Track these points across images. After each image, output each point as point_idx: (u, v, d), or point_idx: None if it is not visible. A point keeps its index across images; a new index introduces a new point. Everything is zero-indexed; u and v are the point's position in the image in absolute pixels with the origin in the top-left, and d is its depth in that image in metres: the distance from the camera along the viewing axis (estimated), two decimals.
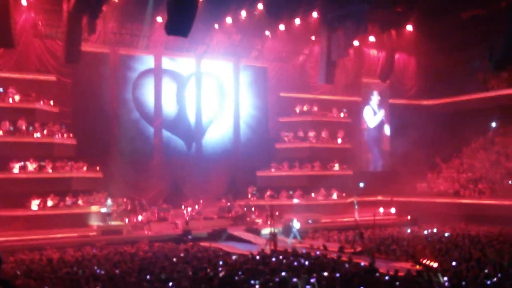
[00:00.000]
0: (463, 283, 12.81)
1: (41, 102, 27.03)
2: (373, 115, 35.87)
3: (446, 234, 23.81)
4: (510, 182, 30.30)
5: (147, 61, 30.74)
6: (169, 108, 31.32)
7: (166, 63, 31.24)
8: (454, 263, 15.66)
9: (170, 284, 13.19)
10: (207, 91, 32.31)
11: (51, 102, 27.63)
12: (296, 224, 24.51)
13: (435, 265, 16.07)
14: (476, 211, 29.01)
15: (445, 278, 13.22)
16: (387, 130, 36.09)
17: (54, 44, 27.73)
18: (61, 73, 27.92)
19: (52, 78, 27.66)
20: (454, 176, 33.00)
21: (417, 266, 16.52)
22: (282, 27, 30.90)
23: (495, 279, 13.10)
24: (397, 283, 13.06)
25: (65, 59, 24.34)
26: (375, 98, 35.79)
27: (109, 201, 26.03)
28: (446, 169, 34.28)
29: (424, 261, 16.92)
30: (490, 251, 18.04)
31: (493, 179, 30.74)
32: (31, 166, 25.79)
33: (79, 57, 23.78)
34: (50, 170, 26.15)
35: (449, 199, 30.86)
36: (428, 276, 13.61)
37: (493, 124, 34.73)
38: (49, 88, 27.57)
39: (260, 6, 27.84)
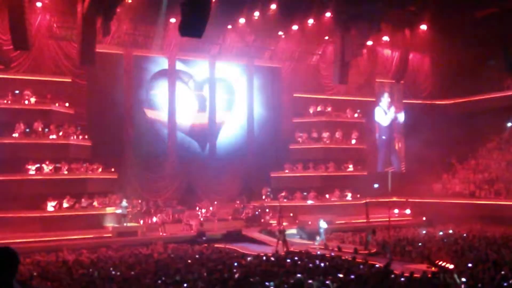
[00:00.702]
0: (479, 285, 12.72)
1: (57, 104, 27.25)
2: (384, 114, 35.56)
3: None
4: None
5: (161, 62, 30.86)
6: (183, 109, 31.40)
7: (180, 64, 31.34)
8: (470, 265, 15.56)
9: (185, 285, 13.22)
10: (220, 91, 32.38)
11: (67, 104, 27.83)
12: (323, 224, 24.37)
13: (451, 266, 15.96)
14: (492, 212, 28.73)
15: (463, 279, 13.13)
16: (399, 128, 35.78)
17: (68, 46, 27.92)
18: (76, 74, 28.11)
19: (67, 79, 27.90)
20: (470, 177, 32.73)
21: (433, 268, 16.40)
22: (295, 27, 30.79)
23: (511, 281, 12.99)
24: (413, 284, 12.99)
25: (79, 61, 24.46)
26: (385, 99, 35.48)
27: (124, 203, 26.12)
28: (462, 170, 34.00)
29: (440, 263, 16.81)
30: (507, 252, 17.90)
31: (509, 180, 30.40)
32: (47, 167, 25.96)
33: (93, 58, 23.88)
34: (65, 172, 26.30)
35: (464, 200, 30.56)
36: (444, 277, 13.52)
37: (509, 124, 34.35)
38: (65, 89, 27.84)
39: (273, 6, 27.80)
